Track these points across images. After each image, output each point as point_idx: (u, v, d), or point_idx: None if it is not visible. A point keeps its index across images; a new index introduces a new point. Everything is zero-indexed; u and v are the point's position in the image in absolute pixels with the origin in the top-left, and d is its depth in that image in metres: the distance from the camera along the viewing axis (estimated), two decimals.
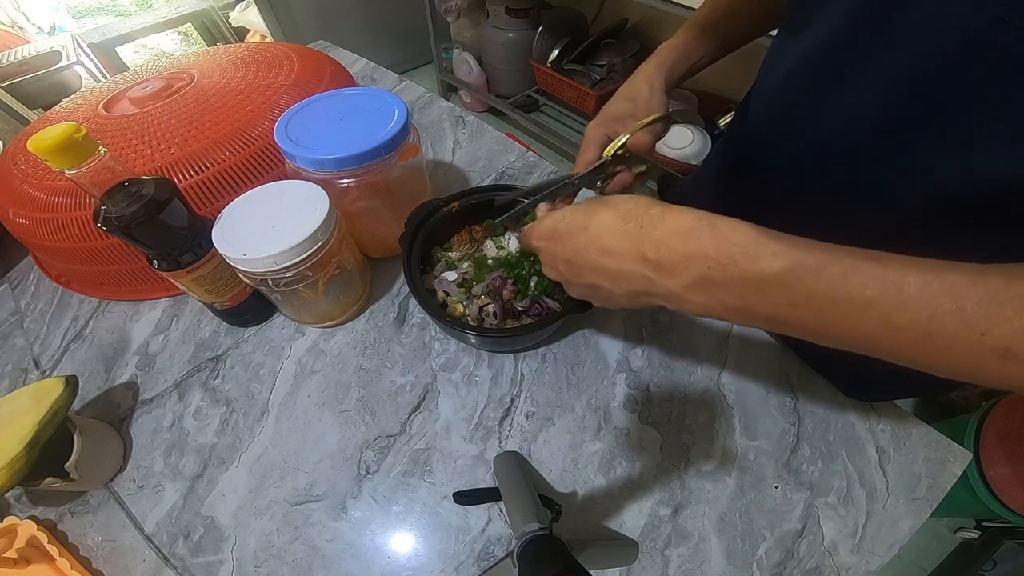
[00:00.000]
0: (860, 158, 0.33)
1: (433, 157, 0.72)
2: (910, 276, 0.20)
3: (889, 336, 0.21)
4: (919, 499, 0.41)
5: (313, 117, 0.48)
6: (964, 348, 0.19)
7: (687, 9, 1.15)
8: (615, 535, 0.40)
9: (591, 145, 0.43)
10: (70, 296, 0.59)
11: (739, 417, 0.45)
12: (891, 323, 0.20)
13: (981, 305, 0.19)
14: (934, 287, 0.20)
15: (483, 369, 0.49)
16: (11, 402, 0.40)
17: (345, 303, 0.51)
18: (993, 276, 0.19)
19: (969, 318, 0.19)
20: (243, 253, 0.39)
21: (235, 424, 0.47)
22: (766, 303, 0.23)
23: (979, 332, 0.19)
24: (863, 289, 0.21)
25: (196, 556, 0.40)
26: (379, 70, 0.91)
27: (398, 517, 0.41)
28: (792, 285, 0.22)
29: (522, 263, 0.48)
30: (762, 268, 0.23)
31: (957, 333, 0.19)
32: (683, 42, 0.45)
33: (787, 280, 0.22)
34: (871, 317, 0.21)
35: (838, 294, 0.21)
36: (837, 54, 0.31)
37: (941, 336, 0.20)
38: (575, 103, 1.73)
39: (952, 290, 0.19)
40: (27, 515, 0.43)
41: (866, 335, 0.21)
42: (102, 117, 0.54)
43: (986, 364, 0.19)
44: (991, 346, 0.19)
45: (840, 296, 0.21)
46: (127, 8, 2.94)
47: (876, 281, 0.21)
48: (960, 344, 0.19)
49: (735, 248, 0.23)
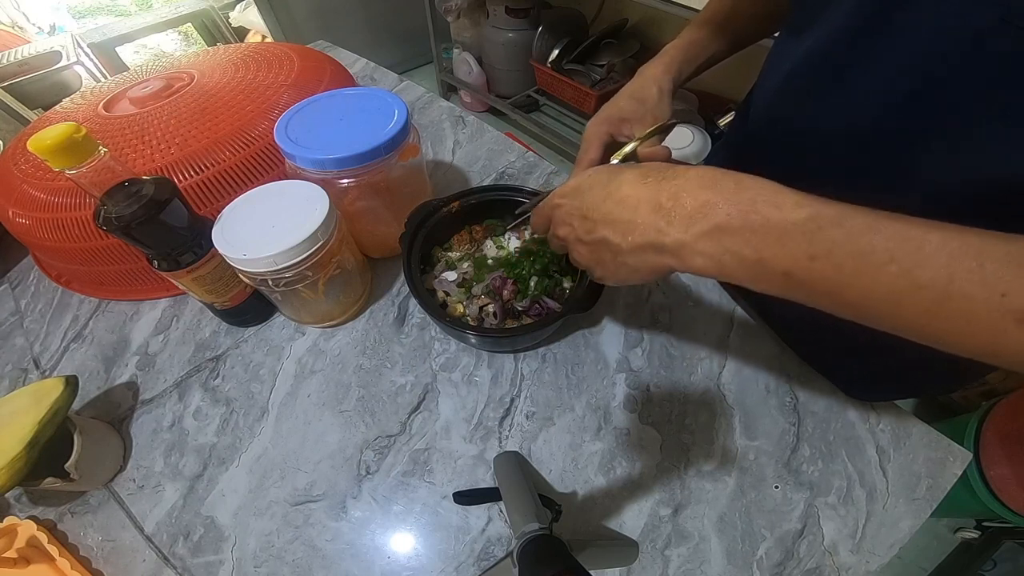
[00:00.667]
0: (860, 158, 0.34)
1: (433, 157, 0.72)
2: (931, 233, 0.20)
3: (908, 294, 0.20)
4: (919, 499, 0.41)
5: (313, 117, 0.48)
6: (983, 311, 0.19)
7: (687, 9, 1.15)
8: (615, 535, 0.40)
9: (593, 143, 0.43)
10: (70, 296, 0.59)
11: (739, 417, 0.45)
12: (911, 280, 0.20)
13: (1002, 265, 0.18)
14: (954, 244, 0.19)
15: (483, 369, 0.49)
16: (11, 402, 0.40)
17: (345, 303, 0.51)
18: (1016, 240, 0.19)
19: (989, 277, 0.18)
20: (243, 253, 0.39)
21: (235, 424, 0.47)
22: (784, 255, 0.22)
23: (999, 293, 0.18)
24: (885, 242, 0.20)
25: (196, 556, 0.40)
26: (379, 70, 0.91)
27: (398, 517, 0.41)
28: (813, 234, 0.21)
29: (522, 263, 0.48)
30: (784, 215, 0.22)
31: (976, 293, 0.19)
32: (689, 42, 0.45)
33: (808, 228, 0.21)
34: (890, 273, 0.20)
35: (859, 246, 0.20)
36: (838, 54, 0.31)
37: (960, 297, 0.19)
38: (575, 103, 1.73)
39: (972, 248, 0.19)
40: (27, 515, 0.43)
41: (884, 295, 0.21)
42: (102, 117, 0.54)
43: (1005, 330, 0.18)
44: (1011, 308, 0.18)
45: (861, 249, 0.20)
46: (127, 8, 2.94)
47: (898, 235, 0.20)
48: (979, 306, 0.19)
49: (758, 195, 0.23)
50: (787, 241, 0.22)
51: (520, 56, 1.80)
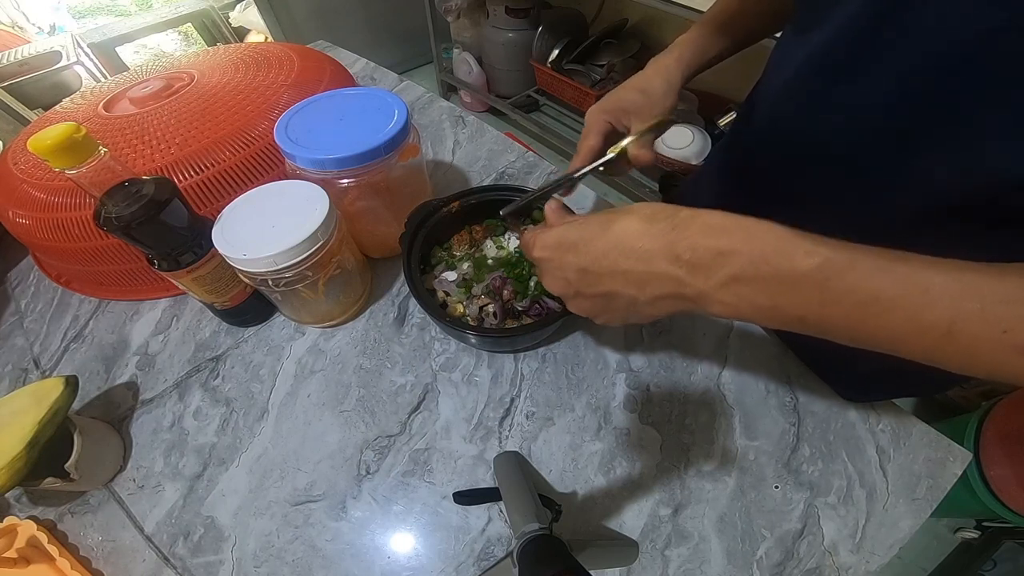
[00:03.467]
0: (862, 158, 0.33)
1: (433, 157, 0.72)
2: (935, 276, 0.21)
3: (915, 335, 0.21)
4: (919, 499, 0.41)
5: (313, 117, 0.48)
6: (987, 346, 0.20)
7: (687, 9, 1.15)
8: (615, 535, 0.40)
9: (594, 131, 0.43)
10: (70, 296, 0.59)
11: (739, 417, 0.45)
12: (917, 323, 0.21)
13: (1002, 304, 0.19)
14: (956, 287, 0.20)
15: (483, 369, 0.49)
16: (11, 402, 0.40)
17: (345, 303, 0.51)
18: (1011, 275, 0.20)
19: (990, 316, 0.20)
20: (243, 253, 0.39)
21: (235, 424, 0.47)
22: (796, 303, 0.23)
23: (1000, 330, 0.19)
24: (891, 287, 0.21)
25: (196, 556, 0.40)
26: (379, 70, 0.91)
27: (398, 517, 0.41)
28: (823, 284, 0.22)
29: (522, 263, 0.48)
30: (795, 265, 0.23)
31: (979, 332, 0.20)
32: (700, 37, 0.45)
33: (818, 278, 0.22)
34: (898, 317, 0.21)
35: (867, 294, 0.21)
36: (842, 54, 0.31)
37: (964, 335, 0.20)
38: (575, 103, 1.73)
39: (974, 290, 0.20)
40: (27, 515, 0.43)
41: (892, 335, 0.22)
42: (102, 117, 0.54)
43: (1008, 361, 0.20)
44: (1012, 343, 0.19)
45: (869, 297, 0.21)
46: (127, 8, 2.94)
47: (904, 280, 0.21)
48: (983, 343, 0.20)
49: (767, 246, 0.23)
50: (799, 290, 0.23)
51: (520, 56, 1.80)
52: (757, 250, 0.23)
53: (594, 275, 0.28)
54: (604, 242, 0.28)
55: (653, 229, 0.26)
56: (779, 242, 0.23)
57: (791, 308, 0.23)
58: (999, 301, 0.19)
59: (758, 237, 0.24)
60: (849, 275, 0.22)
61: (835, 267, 0.22)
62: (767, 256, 0.23)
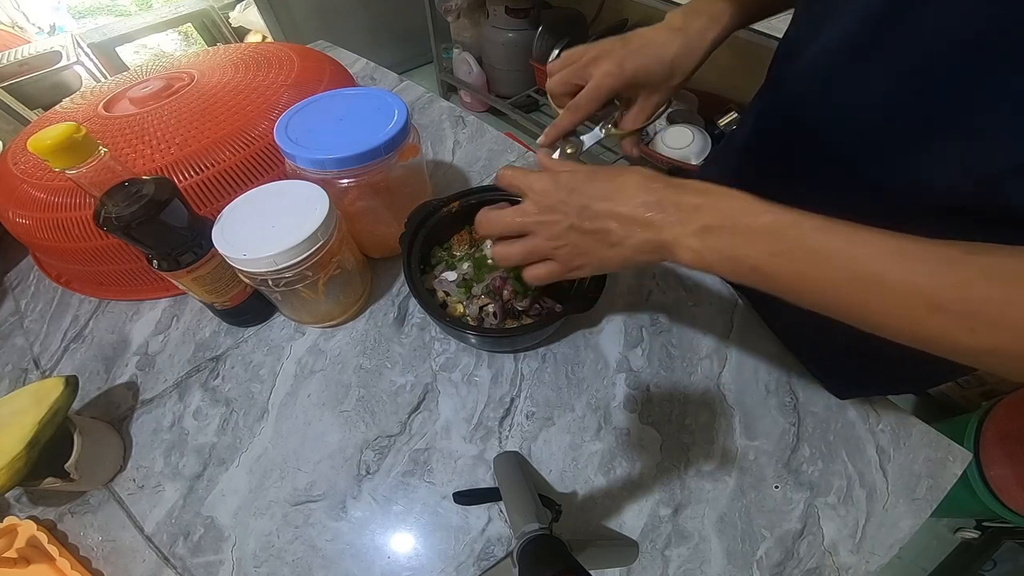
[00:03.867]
0: (862, 158, 0.34)
1: (433, 157, 0.72)
2: (870, 236, 0.24)
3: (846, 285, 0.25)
4: (919, 499, 0.41)
5: (313, 117, 0.48)
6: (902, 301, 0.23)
7: None
8: (615, 535, 0.40)
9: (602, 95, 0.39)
10: (70, 296, 0.59)
11: (739, 417, 0.45)
12: (849, 271, 0.24)
13: (921, 262, 0.22)
14: (892, 243, 0.23)
15: (483, 369, 0.49)
16: (11, 402, 0.40)
17: (345, 303, 0.51)
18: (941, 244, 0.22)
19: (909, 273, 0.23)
20: (243, 253, 0.39)
21: (235, 424, 0.47)
22: (751, 253, 0.27)
23: (916, 285, 0.22)
24: (831, 241, 0.25)
25: (196, 556, 0.40)
26: (379, 70, 0.91)
27: (398, 517, 0.41)
28: (774, 235, 0.26)
29: None
30: (751, 221, 0.27)
31: (896, 285, 0.23)
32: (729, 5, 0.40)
33: (771, 230, 0.26)
34: (832, 266, 0.25)
35: (809, 245, 0.25)
36: (843, 55, 0.31)
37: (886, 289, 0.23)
38: None
39: (904, 248, 0.23)
40: (27, 515, 0.43)
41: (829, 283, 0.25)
42: (102, 117, 0.54)
43: (918, 317, 0.23)
44: (924, 295, 0.22)
45: (811, 247, 0.25)
46: (127, 8, 2.94)
47: (841, 237, 0.25)
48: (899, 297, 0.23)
49: (734, 205, 0.28)
50: (754, 242, 0.27)
51: (520, 56, 1.79)
52: (726, 207, 0.28)
53: (593, 211, 0.31)
54: (610, 186, 0.31)
55: (653, 185, 0.30)
56: (744, 203, 0.28)
57: (746, 258, 0.27)
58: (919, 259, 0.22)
59: (728, 198, 0.28)
60: (793, 230, 0.26)
61: (782, 223, 0.26)
62: (733, 212, 0.28)
